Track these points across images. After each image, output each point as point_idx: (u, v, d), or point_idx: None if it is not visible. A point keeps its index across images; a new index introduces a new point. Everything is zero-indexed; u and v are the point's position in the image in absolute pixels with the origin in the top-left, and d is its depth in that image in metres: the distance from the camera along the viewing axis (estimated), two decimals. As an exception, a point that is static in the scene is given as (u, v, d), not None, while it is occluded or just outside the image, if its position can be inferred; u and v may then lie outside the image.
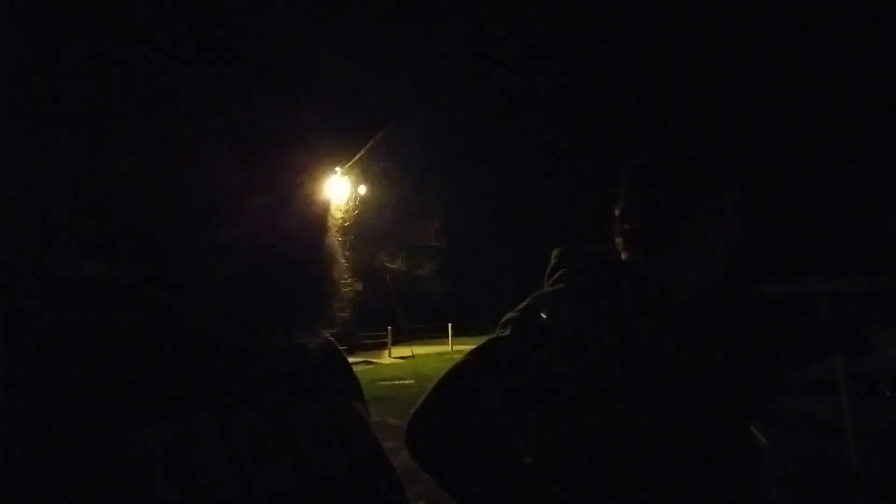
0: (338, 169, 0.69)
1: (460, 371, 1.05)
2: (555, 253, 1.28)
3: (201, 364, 0.55)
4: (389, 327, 20.00)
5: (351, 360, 0.77)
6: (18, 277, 0.55)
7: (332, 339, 0.72)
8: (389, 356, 18.73)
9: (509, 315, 1.12)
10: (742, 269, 1.37)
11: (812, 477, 1.84)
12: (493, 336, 1.11)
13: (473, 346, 1.12)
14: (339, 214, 0.67)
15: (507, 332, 1.08)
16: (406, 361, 16.95)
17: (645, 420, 1.02)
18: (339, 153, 0.65)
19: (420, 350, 19.51)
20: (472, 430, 1.01)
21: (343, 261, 0.66)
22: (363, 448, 0.63)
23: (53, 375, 0.47)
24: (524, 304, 1.14)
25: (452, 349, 19.74)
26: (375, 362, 16.85)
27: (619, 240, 1.22)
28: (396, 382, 12.13)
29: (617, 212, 1.25)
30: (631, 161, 1.23)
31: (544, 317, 1.09)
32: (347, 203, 0.73)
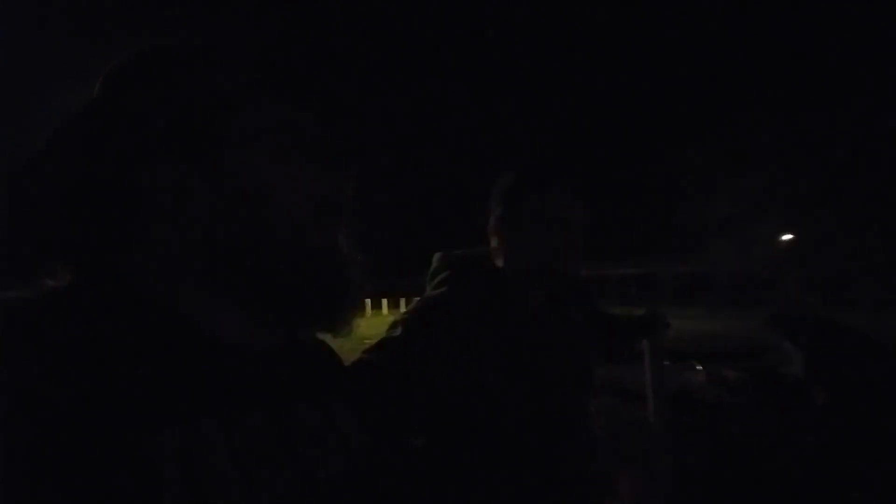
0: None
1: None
2: (436, 257, 1.46)
3: (206, 366, 0.55)
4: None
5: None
6: (22, 283, 0.56)
7: (324, 338, 0.72)
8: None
9: (398, 317, 1.31)
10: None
11: (622, 432, 2.35)
12: (385, 336, 1.29)
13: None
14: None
15: (398, 332, 1.27)
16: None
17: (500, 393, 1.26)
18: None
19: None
20: None
21: (357, 258, 0.65)
22: (363, 446, 0.64)
23: (62, 382, 0.47)
24: (412, 307, 1.34)
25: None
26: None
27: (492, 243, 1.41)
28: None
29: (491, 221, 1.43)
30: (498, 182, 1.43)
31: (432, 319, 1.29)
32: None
